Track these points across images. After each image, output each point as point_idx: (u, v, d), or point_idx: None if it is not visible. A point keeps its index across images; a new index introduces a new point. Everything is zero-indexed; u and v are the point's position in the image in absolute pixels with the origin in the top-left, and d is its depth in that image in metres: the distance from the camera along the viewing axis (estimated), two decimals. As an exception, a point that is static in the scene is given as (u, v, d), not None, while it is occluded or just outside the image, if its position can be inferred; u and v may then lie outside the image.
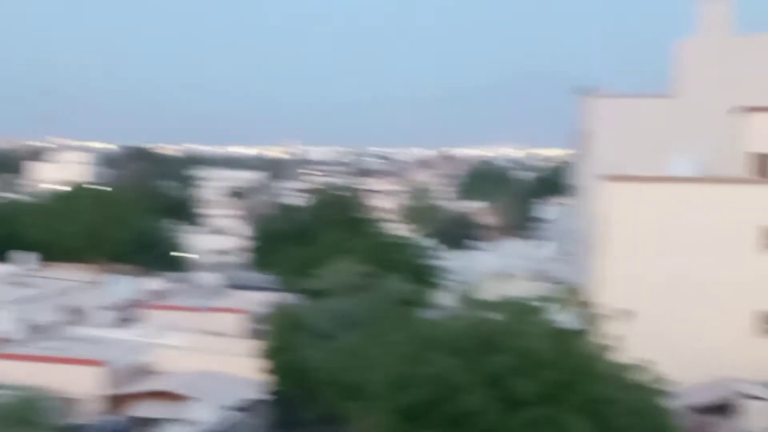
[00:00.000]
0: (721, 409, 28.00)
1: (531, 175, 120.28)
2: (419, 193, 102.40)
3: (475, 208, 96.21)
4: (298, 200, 58.90)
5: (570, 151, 49.64)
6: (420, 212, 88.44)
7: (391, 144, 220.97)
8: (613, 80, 40.01)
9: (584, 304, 22.58)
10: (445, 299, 30.57)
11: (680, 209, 31.27)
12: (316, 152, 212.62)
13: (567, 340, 20.70)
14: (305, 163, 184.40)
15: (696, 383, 28.05)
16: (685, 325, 30.15)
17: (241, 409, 31.13)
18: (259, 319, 36.93)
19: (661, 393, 20.65)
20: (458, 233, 76.02)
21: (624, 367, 20.50)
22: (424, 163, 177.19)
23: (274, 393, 31.46)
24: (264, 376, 31.28)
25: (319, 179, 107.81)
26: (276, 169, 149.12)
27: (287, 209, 57.03)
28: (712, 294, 30.47)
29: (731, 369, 28.91)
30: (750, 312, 30.20)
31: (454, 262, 53.66)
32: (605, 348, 20.77)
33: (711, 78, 35.55)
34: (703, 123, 35.16)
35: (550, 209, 69.89)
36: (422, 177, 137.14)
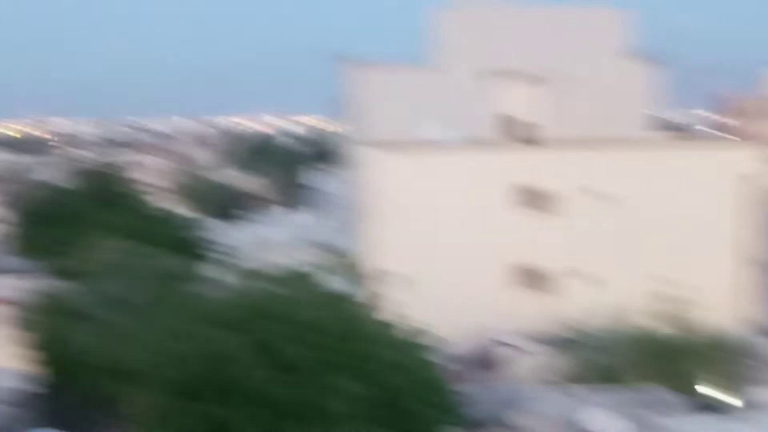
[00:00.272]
0: (484, 359, 29.56)
1: (300, 145, 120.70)
2: (188, 165, 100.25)
3: (246, 179, 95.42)
4: (57, 178, 55.91)
5: (338, 121, 50.16)
6: (189, 185, 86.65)
7: (155, 115, 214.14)
8: (370, 50, 40.74)
9: (356, 270, 22.93)
10: (217, 272, 30.07)
11: (442, 174, 32.62)
12: (73, 126, 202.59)
13: (341, 305, 21.00)
14: (62, 138, 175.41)
15: (461, 336, 29.44)
16: (453, 283, 31.58)
17: (2, 401, 29.32)
18: (19, 305, 34.80)
19: (428, 348, 21.44)
20: (230, 205, 75.16)
21: (395, 328, 21.06)
22: (192, 135, 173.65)
23: (42, 382, 29.85)
24: (29, 365, 29.58)
25: (78, 155, 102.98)
26: (28, 146, 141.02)
27: (45, 188, 54.01)
28: (476, 253, 32.10)
29: (494, 321, 30.62)
30: (506, 265, 32.06)
31: (226, 234, 52.95)
32: (375, 310, 21.25)
33: (470, 46, 36.92)
34: (464, 90, 36.52)
35: (321, 178, 70.50)
36: (190, 149, 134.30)
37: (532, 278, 32.45)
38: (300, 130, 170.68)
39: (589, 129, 34.40)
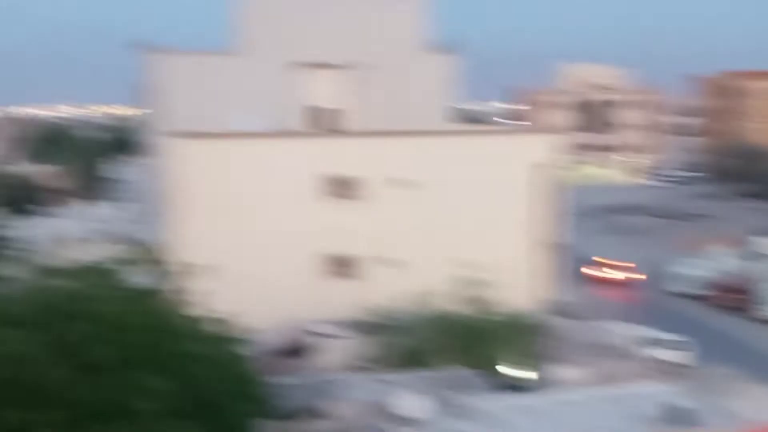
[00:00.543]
0: (295, 348, 29.66)
1: (99, 134, 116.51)
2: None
3: (42, 171, 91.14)
4: None
5: (138, 109, 48.78)
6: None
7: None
8: (170, 35, 39.85)
9: (163, 263, 22.37)
10: (10, 269, 28.55)
11: (250, 164, 32.35)
12: None
13: (145, 300, 20.46)
14: None
15: (272, 326, 29.40)
16: (263, 275, 31.44)
17: None
18: None
19: (239, 341, 21.27)
20: (24, 198, 71.69)
21: (203, 321, 20.76)
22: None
23: None
24: None
25: None
26: None
27: None
28: (284, 242, 32.12)
29: (304, 309, 30.77)
30: (314, 255, 32.27)
31: (22, 230, 50.41)
32: (184, 304, 20.85)
33: (275, 34, 36.79)
34: (270, 78, 36.35)
35: (124, 169, 68.36)
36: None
37: (341, 266, 32.78)
38: (100, 120, 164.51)
39: (392, 118, 35.05)
